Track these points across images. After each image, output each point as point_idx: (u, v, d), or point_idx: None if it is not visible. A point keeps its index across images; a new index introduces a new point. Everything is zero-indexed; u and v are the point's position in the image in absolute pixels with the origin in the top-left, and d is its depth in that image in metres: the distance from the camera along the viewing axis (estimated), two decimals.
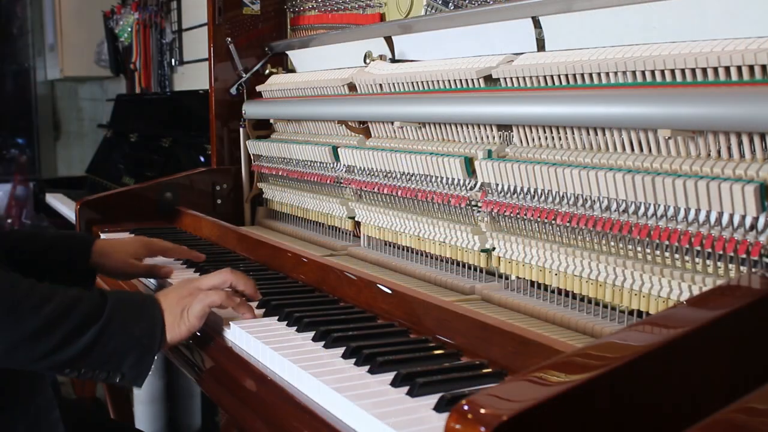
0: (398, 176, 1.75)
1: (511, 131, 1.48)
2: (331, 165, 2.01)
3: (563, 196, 1.33)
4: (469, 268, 1.57)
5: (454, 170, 1.55)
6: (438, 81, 1.61)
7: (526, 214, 1.40)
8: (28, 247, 1.57)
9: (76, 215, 2.28)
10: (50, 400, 1.32)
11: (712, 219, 1.09)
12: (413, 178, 1.70)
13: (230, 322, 1.32)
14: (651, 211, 1.18)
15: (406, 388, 0.99)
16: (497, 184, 1.46)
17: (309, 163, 2.12)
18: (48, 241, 1.61)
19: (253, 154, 2.44)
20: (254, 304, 1.38)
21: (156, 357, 1.23)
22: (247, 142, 2.45)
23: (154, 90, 4.54)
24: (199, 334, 1.34)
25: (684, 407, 0.80)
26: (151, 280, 1.75)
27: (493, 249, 1.48)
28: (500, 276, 1.51)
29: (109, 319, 1.17)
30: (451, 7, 1.74)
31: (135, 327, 1.20)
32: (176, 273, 1.71)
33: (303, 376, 1.07)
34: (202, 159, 3.07)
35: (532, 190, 1.39)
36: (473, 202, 1.55)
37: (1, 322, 1.10)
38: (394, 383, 1.02)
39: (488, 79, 1.51)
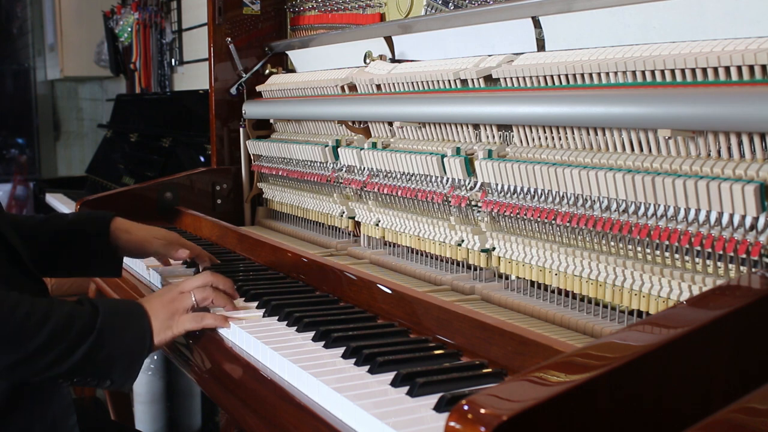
0: (398, 176, 1.75)
1: (511, 131, 1.48)
2: (331, 165, 2.01)
3: (563, 196, 1.33)
4: (469, 268, 1.57)
5: (454, 170, 1.55)
6: (438, 81, 1.61)
7: (526, 214, 1.40)
8: (48, 229, 1.60)
9: None
10: (68, 406, 1.34)
11: (712, 219, 1.09)
12: (413, 178, 1.70)
13: (230, 323, 1.32)
14: (651, 211, 1.18)
15: (406, 388, 1.00)
16: (497, 184, 1.46)
17: (309, 163, 2.12)
18: (68, 222, 1.64)
19: (253, 154, 2.44)
20: (251, 309, 1.41)
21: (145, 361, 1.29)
22: (247, 142, 2.45)
23: (154, 90, 4.54)
24: (198, 333, 1.34)
25: (684, 407, 0.80)
26: (154, 281, 1.75)
27: (493, 249, 1.49)
28: (500, 276, 1.51)
29: (101, 331, 1.21)
30: (451, 7, 1.74)
31: (125, 336, 1.25)
32: (178, 271, 1.72)
33: (303, 376, 1.07)
34: (202, 159, 3.07)
35: (532, 190, 1.39)
36: (473, 202, 1.55)
37: (3, 345, 1.15)
38: (394, 383, 1.02)
39: (488, 79, 1.51)
